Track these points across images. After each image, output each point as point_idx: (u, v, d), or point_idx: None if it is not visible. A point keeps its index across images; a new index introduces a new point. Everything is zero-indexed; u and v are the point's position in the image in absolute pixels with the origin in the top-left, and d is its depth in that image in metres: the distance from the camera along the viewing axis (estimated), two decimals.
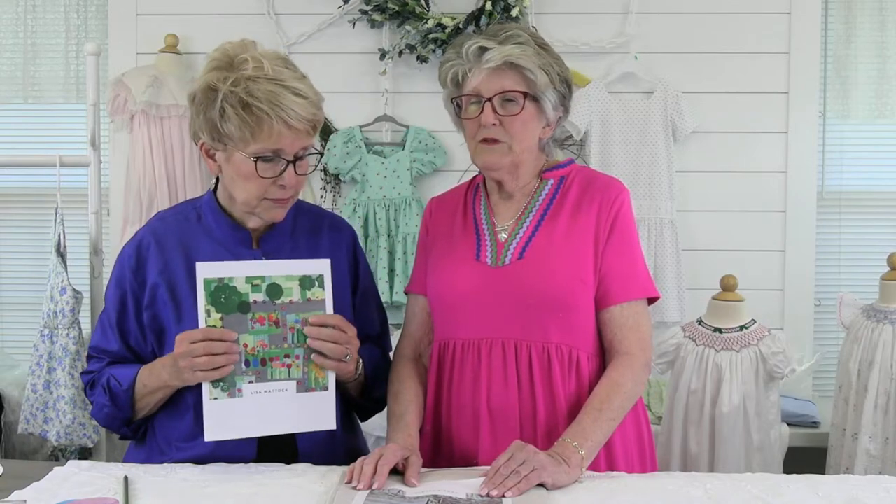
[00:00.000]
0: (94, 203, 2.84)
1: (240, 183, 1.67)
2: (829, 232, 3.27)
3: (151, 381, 1.68)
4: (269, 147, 1.61)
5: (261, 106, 1.58)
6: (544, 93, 1.71)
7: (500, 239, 1.77)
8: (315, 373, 1.65)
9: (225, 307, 1.62)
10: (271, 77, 1.60)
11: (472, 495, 1.47)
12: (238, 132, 1.60)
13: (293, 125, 1.60)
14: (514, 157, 1.74)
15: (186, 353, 1.58)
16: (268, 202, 1.68)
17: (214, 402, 1.60)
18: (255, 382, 1.62)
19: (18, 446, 3.03)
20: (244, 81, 1.59)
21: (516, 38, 1.69)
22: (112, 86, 3.09)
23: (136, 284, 1.73)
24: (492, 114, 1.70)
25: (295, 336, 1.65)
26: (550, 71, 1.71)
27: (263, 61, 1.61)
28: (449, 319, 1.77)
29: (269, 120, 1.58)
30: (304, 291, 1.66)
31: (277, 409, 1.63)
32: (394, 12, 3.09)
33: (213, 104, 1.61)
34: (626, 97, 3.16)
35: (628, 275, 1.74)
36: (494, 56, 1.68)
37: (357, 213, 3.12)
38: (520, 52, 1.68)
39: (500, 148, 1.72)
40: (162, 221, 1.80)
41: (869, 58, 3.24)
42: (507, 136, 1.71)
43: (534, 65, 1.69)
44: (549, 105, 1.73)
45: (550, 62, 1.72)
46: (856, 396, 2.55)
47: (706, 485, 1.52)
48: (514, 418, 1.69)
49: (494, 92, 1.69)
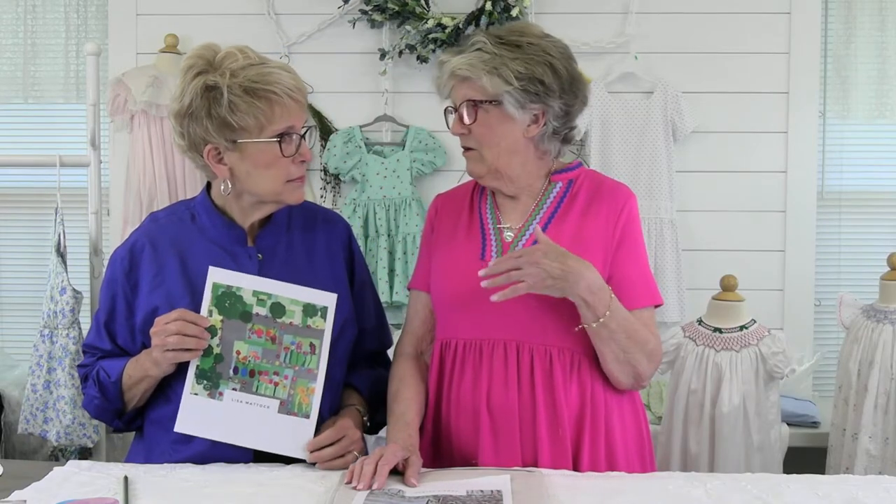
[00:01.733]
0: (94, 203, 2.84)
1: (261, 173, 1.67)
2: (829, 232, 3.27)
3: (136, 372, 1.69)
4: (285, 125, 1.65)
5: (266, 87, 1.62)
6: (501, 95, 1.69)
7: (506, 239, 1.77)
8: (300, 397, 1.65)
9: (227, 312, 1.64)
10: (255, 62, 1.65)
11: (473, 492, 1.47)
12: (253, 120, 1.62)
13: (296, 97, 1.66)
14: (488, 165, 1.75)
15: (161, 332, 1.61)
16: (293, 184, 1.70)
17: (194, 396, 1.63)
18: (238, 391, 1.63)
19: (18, 446, 3.03)
20: (239, 72, 1.62)
21: (473, 47, 1.71)
22: (112, 86, 3.09)
23: (129, 287, 1.74)
24: (458, 123, 1.74)
25: (288, 356, 1.65)
26: (504, 71, 1.68)
27: (239, 53, 1.66)
28: (451, 318, 1.77)
29: (278, 98, 1.63)
30: (306, 318, 1.67)
31: (253, 424, 1.64)
32: (394, 12, 3.09)
33: (218, 102, 1.62)
34: (626, 97, 3.16)
35: (638, 282, 1.75)
36: (445, 70, 1.74)
37: (357, 213, 3.11)
38: (465, 62, 1.70)
39: (473, 156, 1.76)
40: (155, 223, 1.80)
41: (869, 58, 3.24)
42: (476, 143, 1.74)
43: (480, 72, 1.68)
44: (511, 105, 1.70)
45: (505, 62, 1.68)
46: (856, 396, 2.55)
47: (706, 485, 1.53)
48: (514, 419, 1.69)
49: (459, 102, 1.74)
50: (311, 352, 1.67)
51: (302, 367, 1.66)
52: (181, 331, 1.60)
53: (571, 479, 1.58)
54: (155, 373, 1.67)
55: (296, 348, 1.65)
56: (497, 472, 1.59)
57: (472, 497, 1.45)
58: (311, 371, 1.66)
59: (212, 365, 1.64)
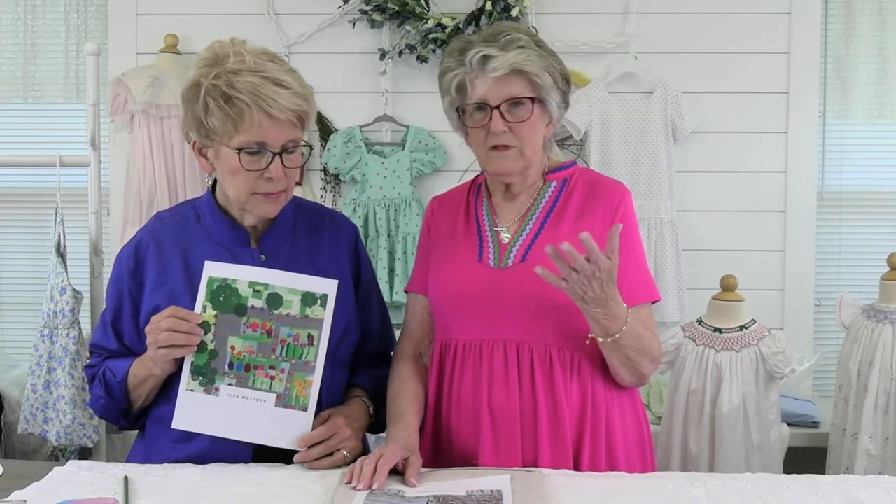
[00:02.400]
0: (94, 203, 2.84)
1: (228, 179, 1.67)
2: (829, 232, 3.27)
3: (140, 371, 1.70)
4: (253, 139, 1.61)
5: (241, 97, 1.57)
6: (549, 94, 1.71)
7: (503, 240, 1.77)
8: (298, 390, 1.65)
9: (222, 306, 1.63)
10: (253, 69, 1.60)
11: (473, 492, 1.47)
12: (221, 125, 1.60)
13: (275, 115, 1.59)
14: (525, 161, 1.74)
15: (153, 329, 1.61)
16: (258, 197, 1.67)
17: (190, 393, 1.62)
18: (234, 386, 1.63)
19: (18, 446, 3.03)
20: (226, 75, 1.60)
21: (517, 43, 1.68)
22: (112, 86, 3.09)
23: (134, 286, 1.75)
24: (501, 121, 1.68)
25: (284, 349, 1.64)
26: (553, 71, 1.71)
27: (246, 55, 1.62)
28: (450, 320, 1.77)
29: (249, 111, 1.58)
30: (304, 307, 1.65)
31: (251, 418, 1.63)
32: (394, 12, 3.09)
33: (196, 100, 1.62)
34: (626, 97, 3.16)
35: (634, 279, 1.74)
36: (501, 64, 1.66)
37: (357, 213, 3.11)
38: (525, 58, 1.67)
39: (511, 153, 1.72)
40: (160, 222, 1.81)
41: (869, 58, 3.24)
42: (517, 140, 1.71)
43: (539, 68, 1.68)
44: (554, 104, 1.73)
45: (552, 62, 1.72)
46: (856, 396, 2.55)
47: (706, 485, 1.53)
48: (514, 420, 1.69)
49: (502, 99, 1.68)
50: (308, 343, 1.65)
51: (299, 360, 1.65)
52: (172, 327, 1.60)
53: (571, 479, 1.57)
54: (157, 372, 1.67)
55: (293, 341, 1.64)
56: (497, 471, 1.59)
57: (472, 497, 1.45)
58: (308, 364, 1.65)
59: (206, 361, 1.63)
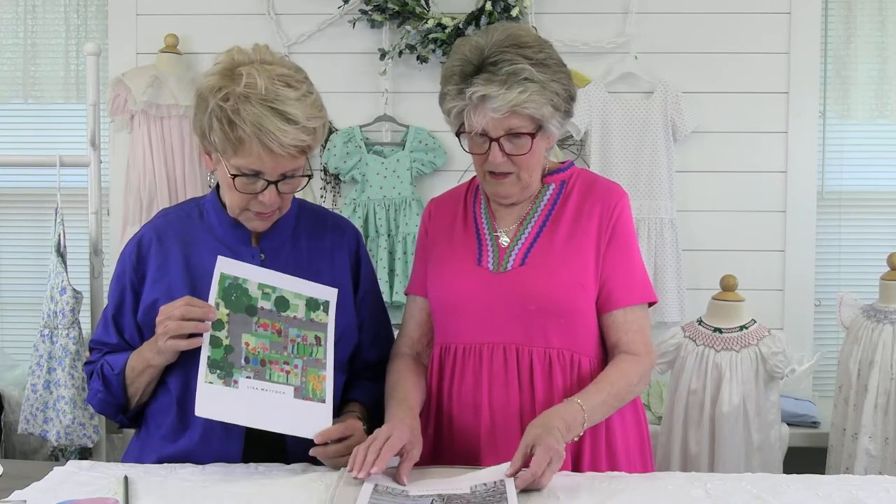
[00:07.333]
0: (94, 203, 2.84)
1: (225, 189, 1.70)
2: (829, 232, 3.27)
3: (138, 363, 1.69)
4: (250, 167, 1.61)
5: (244, 128, 1.56)
6: (550, 121, 1.67)
7: (502, 244, 1.77)
8: (313, 384, 1.66)
9: (234, 305, 1.64)
10: (263, 98, 1.56)
11: (476, 487, 1.47)
12: (221, 145, 1.61)
13: (276, 151, 1.58)
14: (523, 184, 1.74)
15: (165, 318, 1.60)
16: (249, 213, 1.69)
17: (209, 385, 1.60)
18: (252, 378, 1.63)
19: (18, 446, 3.03)
20: (234, 98, 1.57)
21: (520, 76, 1.60)
22: (112, 86, 3.09)
23: (137, 280, 1.75)
24: (500, 153, 1.66)
25: (295, 348, 1.67)
26: (556, 100, 1.65)
27: (258, 78, 1.57)
28: (450, 323, 1.77)
29: (250, 141, 1.57)
30: (309, 312, 1.69)
31: (272, 408, 1.63)
32: (394, 12, 3.09)
33: (203, 112, 1.62)
34: (626, 97, 3.16)
35: (629, 280, 1.74)
36: (501, 105, 1.61)
37: (357, 213, 3.11)
38: (525, 98, 1.61)
39: (510, 180, 1.72)
40: (164, 218, 1.82)
41: (869, 58, 3.24)
42: (516, 168, 1.70)
43: (540, 104, 1.63)
44: (555, 127, 1.69)
45: (555, 90, 1.65)
46: (856, 396, 2.55)
47: (706, 485, 1.52)
48: (514, 422, 1.69)
49: (502, 132, 1.65)
50: (317, 343, 1.69)
51: (310, 357, 1.67)
52: (185, 315, 1.59)
53: (572, 479, 1.57)
54: (157, 362, 1.66)
55: (302, 340, 1.67)
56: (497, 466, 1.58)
57: (476, 493, 1.45)
58: (319, 360, 1.68)
59: (223, 355, 1.62)
